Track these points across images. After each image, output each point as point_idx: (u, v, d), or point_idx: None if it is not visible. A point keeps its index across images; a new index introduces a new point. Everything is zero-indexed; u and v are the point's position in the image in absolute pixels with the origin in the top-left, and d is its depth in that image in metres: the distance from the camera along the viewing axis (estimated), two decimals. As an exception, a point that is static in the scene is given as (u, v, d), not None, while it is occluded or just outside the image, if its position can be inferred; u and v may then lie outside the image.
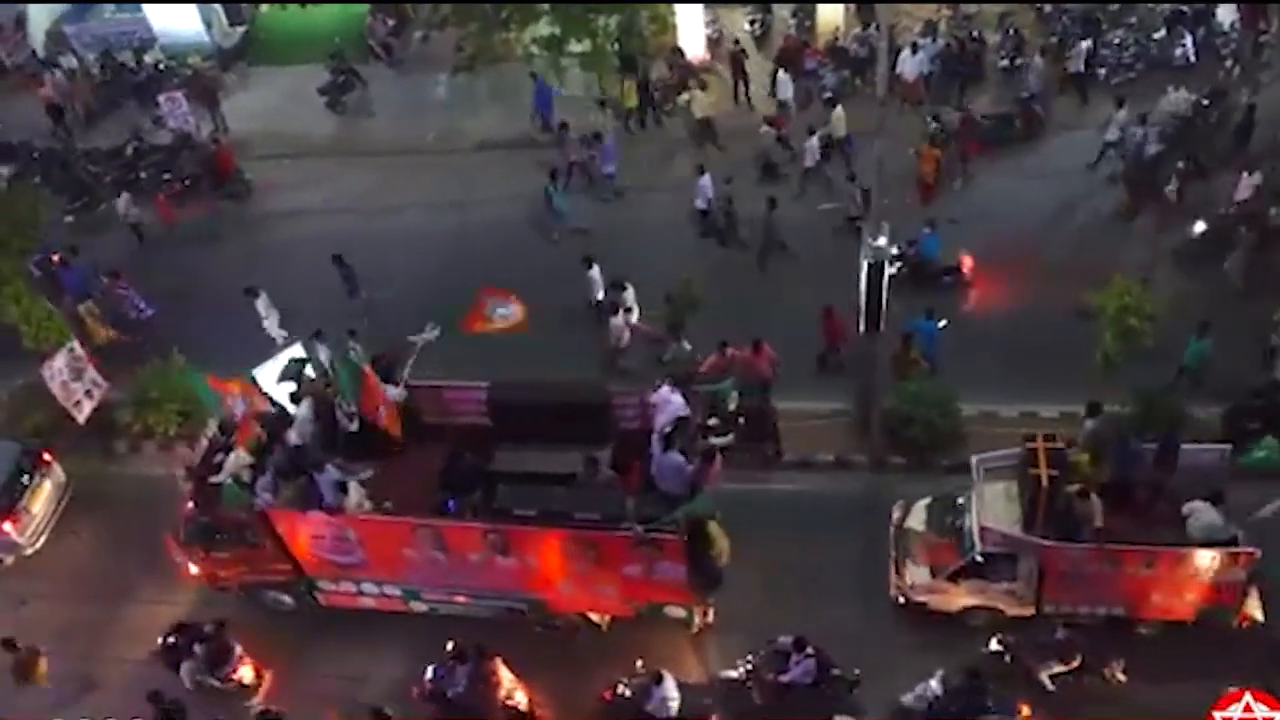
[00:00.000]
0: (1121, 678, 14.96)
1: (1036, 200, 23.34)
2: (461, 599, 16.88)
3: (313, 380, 17.68)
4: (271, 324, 21.07)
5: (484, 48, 26.55)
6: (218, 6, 31.15)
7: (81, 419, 19.56)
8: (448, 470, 16.15)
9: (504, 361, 17.91)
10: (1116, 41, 25.94)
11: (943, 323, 19.58)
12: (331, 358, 18.47)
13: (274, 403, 17.49)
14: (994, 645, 15.48)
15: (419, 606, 17.13)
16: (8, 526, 18.50)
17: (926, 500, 17.10)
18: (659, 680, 14.92)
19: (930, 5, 27.72)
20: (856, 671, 15.20)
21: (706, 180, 23.12)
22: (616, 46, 26.19)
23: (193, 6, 30.33)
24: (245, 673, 16.54)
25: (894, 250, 19.93)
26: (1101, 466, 15.60)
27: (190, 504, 16.48)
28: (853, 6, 28.27)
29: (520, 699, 15.63)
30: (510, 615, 16.85)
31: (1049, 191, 23.49)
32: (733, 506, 16.00)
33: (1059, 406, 18.55)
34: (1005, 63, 26.40)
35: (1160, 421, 17.18)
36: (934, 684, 14.70)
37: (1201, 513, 14.97)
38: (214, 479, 16.27)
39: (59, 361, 19.11)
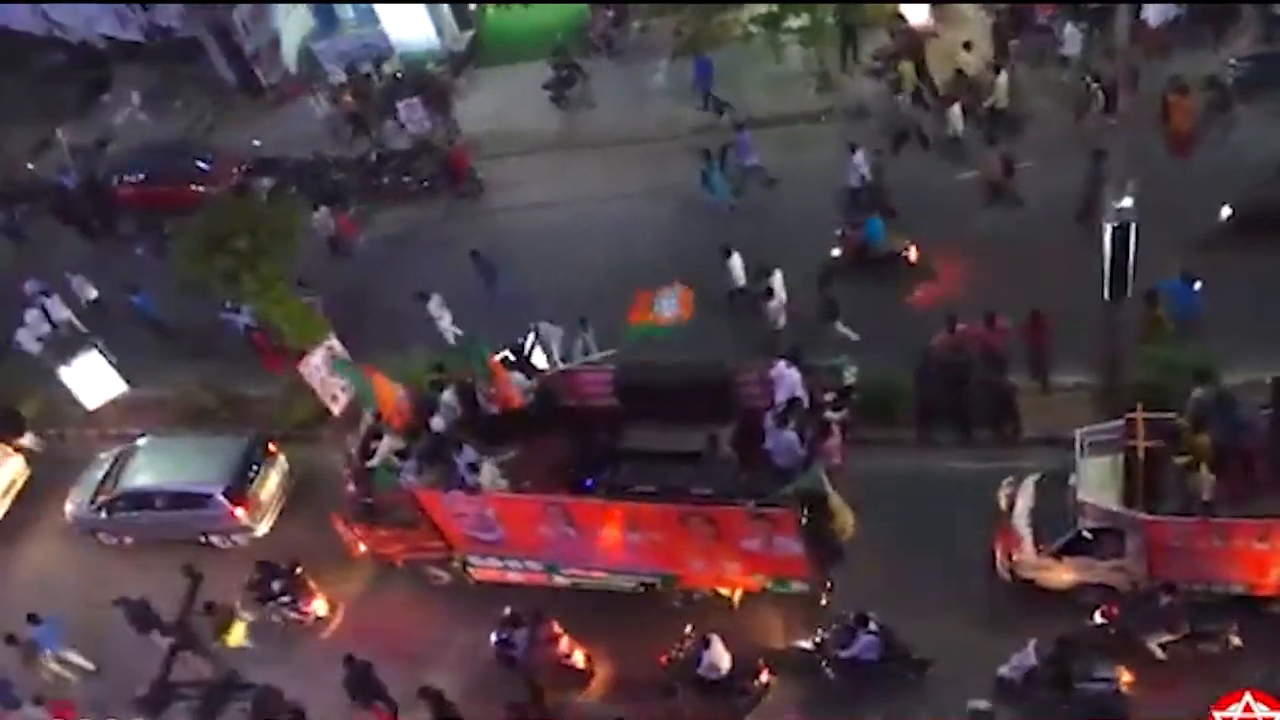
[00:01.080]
0: (1237, 642, 14.33)
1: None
2: (598, 573, 17.27)
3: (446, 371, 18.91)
4: (445, 324, 22.09)
5: (701, 30, 26.63)
6: (447, 12, 32.50)
7: (337, 411, 21.00)
8: (583, 450, 17.09)
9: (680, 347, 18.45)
10: None
11: (1198, 284, 18.15)
12: (466, 343, 19.74)
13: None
14: (1098, 618, 15.09)
15: (561, 581, 17.63)
16: (239, 511, 20.19)
17: (1036, 476, 16.58)
18: (707, 644, 15.39)
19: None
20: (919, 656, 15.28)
21: (860, 157, 22.48)
22: (835, 19, 25.67)
23: (425, 16, 31.79)
24: (319, 606, 18.42)
25: (837, 232, 20.80)
26: (1207, 437, 14.79)
27: (351, 486, 17.81)
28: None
29: (578, 658, 16.68)
30: (647, 589, 17.25)
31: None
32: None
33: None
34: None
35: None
36: (1030, 653, 14.53)
37: None
38: (369, 463, 17.67)
39: (317, 358, 20.57)
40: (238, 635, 18.50)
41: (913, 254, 21.30)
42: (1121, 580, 15.40)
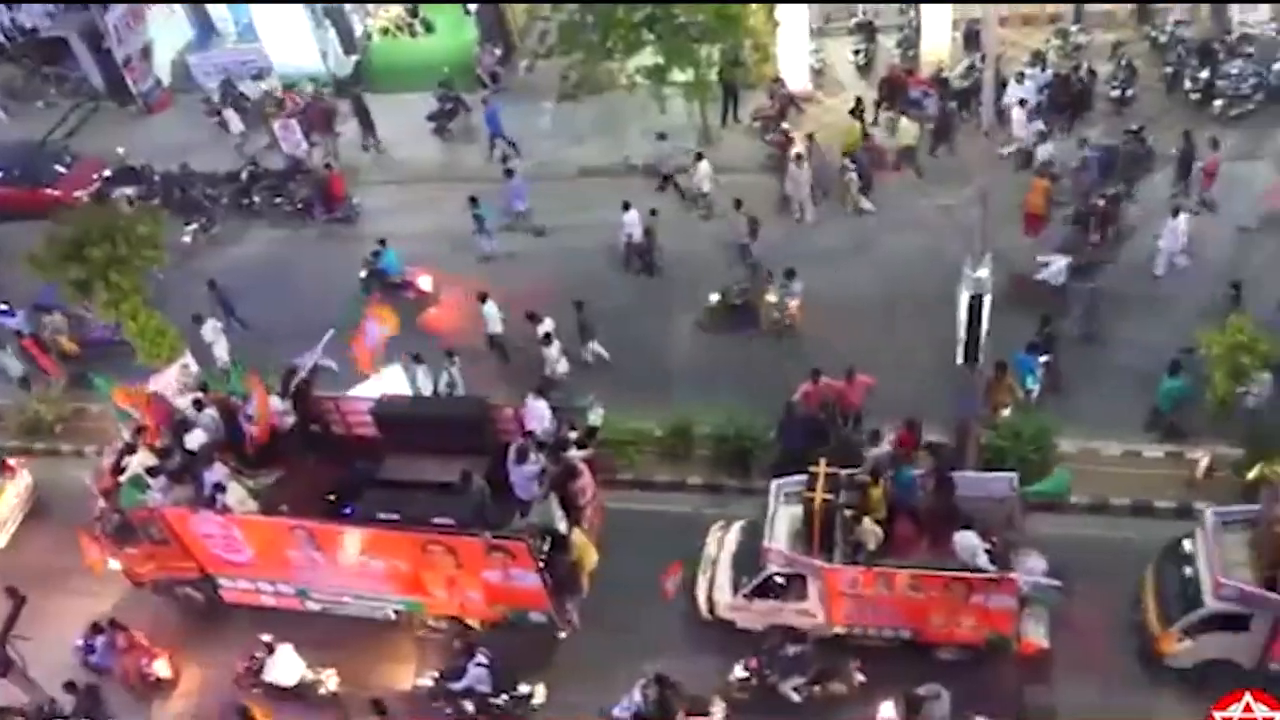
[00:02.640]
0: (860, 678, 15.51)
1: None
2: (348, 599, 17.60)
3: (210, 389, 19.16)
4: (219, 350, 21.95)
5: (588, 77, 26.95)
6: (332, 37, 32.13)
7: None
8: (343, 478, 17.50)
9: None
10: (1234, 71, 25.06)
11: (1045, 357, 19.09)
12: (226, 366, 20.06)
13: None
14: (738, 671, 15.87)
15: (312, 606, 17.92)
16: None
17: (743, 522, 17.52)
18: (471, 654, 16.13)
19: (1038, 34, 27.22)
20: (527, 690, 16.12)
21: (631, 216, 23.44)
22: (718, 76, 26.33)
23: (309, 37, 31.38)
24: (159, 667, 17.67)
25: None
26: (881, 490, 16.05)
27: (101, 502, 17.61)
28: (958, 36, 27.95)
29: (160, 666, 17.46)
30: (398, 617, 17.64)
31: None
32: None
33: (1166, 446, 17.92)
34: (1116, 94, 25.77)
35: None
36: (636, 694, 15.22)
37: (962, 539, 15.21)
38: (119, 479, 17.56)
39: (170, 374, 19.81)
40: None
41: (424, 284, 23.22)
42: (807, 622, 16.26)
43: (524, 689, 16.28)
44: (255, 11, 31.53)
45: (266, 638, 16.89)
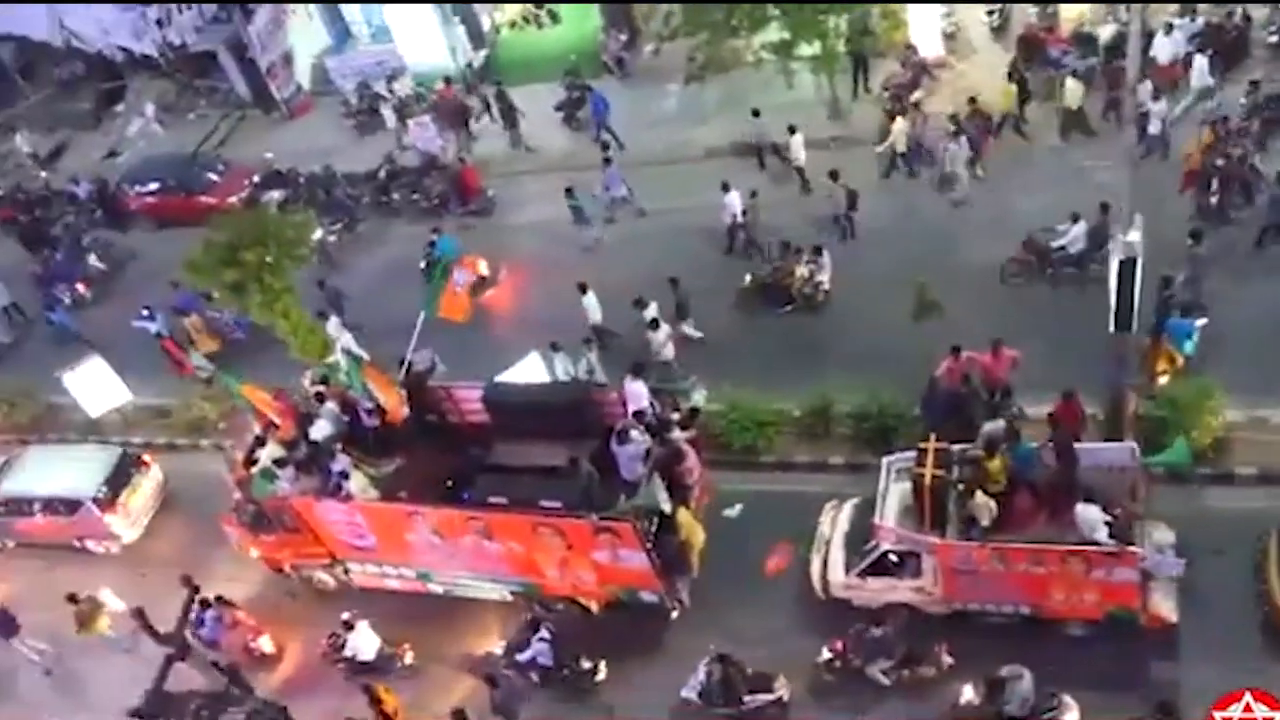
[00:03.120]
0: (949, 660, 15.31)
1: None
2: (466, 581, 18.14)
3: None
4: (345, 342, 22.35)
5: (714, 56, 26.78)
6: (461, 32, 32.72)
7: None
8: (459, 464, 17.97)
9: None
10: None
11: (1202, 320, 18.17)
12: (346, 359, 20.34)
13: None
14: (825, 653, 15.88)
15: (435, 588, 18.55)
16: (109, 518, 21.32)
17: (856, 500, 17.30)
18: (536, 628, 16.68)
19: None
20: (589, 665, 16.60)
21: (732, 197, 23.14)
22: (846, 47, 25.80)
23: (439, 34, 32.03)
24: (264, 642, 18.73)
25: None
26: (999, 463, 15.61)
27: (237, 493, 18.61)
28: (1100, -11, 26.70)
29: (264, 643, 18.60)
30: (515, 597, 18.05)
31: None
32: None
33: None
34: (1275, 39, 24.22)
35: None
36: (701, 673, 15.56)
37: (1084, 512, 14.69)
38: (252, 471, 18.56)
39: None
40: (101, 626, 19.17)
41: (482, 268, 22.71)
42: (924, 599, 16.05)
43: (586, 664, 16.72)
44: (387, 12, 32.34)
45: (346, 615, 17.70)
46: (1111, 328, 16.18)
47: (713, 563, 17.37)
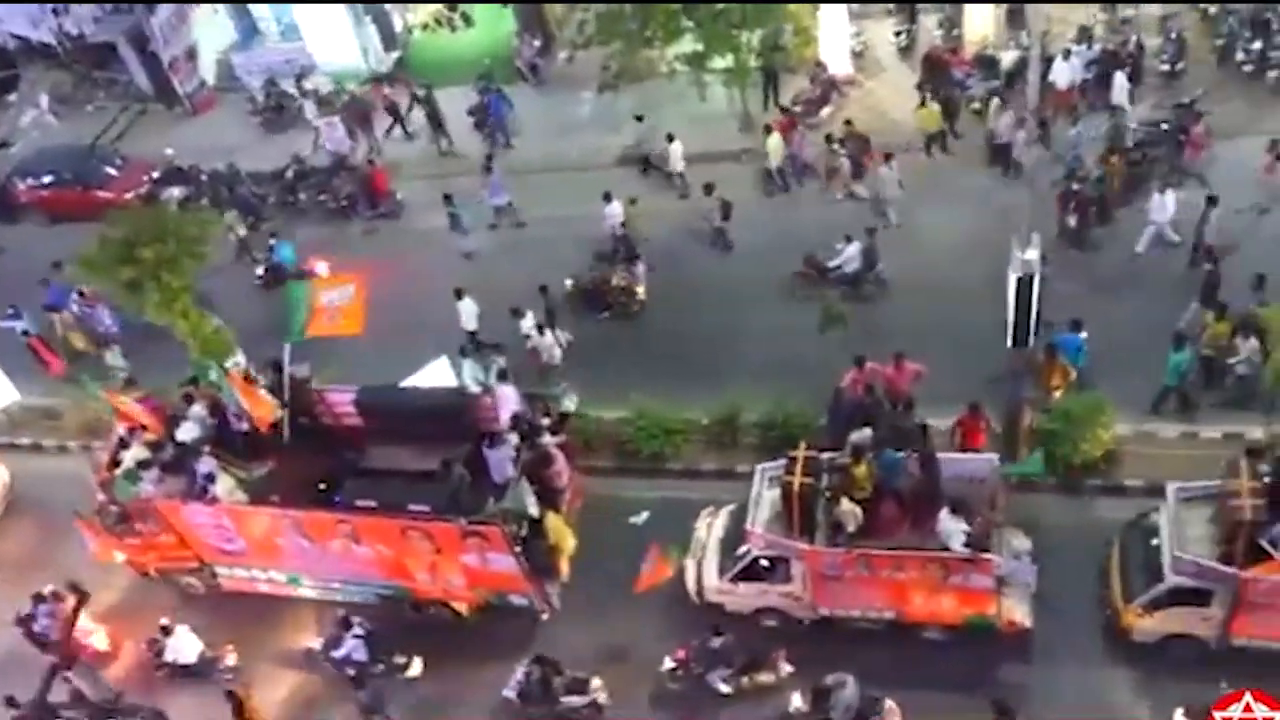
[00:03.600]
0: (788, 668, 15.85)
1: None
2: (336, 585, 18.19)
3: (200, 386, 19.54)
4: None
5: (628, 66, 26.89)
6: (373, 33, 32.32)
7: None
8: (333, 468, 17.93)
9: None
10: (1289, 43, 24.47)
11: (1084, 334, 18.80)
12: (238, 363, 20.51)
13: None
14: (667, 662, 16.29)
15: (306, 593, 18.55)
16: None
17: (732, 506, 17.50)
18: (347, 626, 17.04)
19: (1084, 9, 26.72)
20: (403, 660, 17.19)
21: (614, 207, 23.43)
22: (758, 61, 26.15)
23: (350, 35, 31.62)
24: (97, 639, 18.45)
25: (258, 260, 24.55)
26: (865, 470, 16.11)
27: (100, 495, 18.38)
28: (1002, 14, 27.51)
29: (97, 641, 18.34)
30: (387, 601, 18.11)
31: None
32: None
33: (1223, 427, 17.60)
34: (1166, 67, 25.27)
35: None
36: (520, 674, 16.17)
37: (945, 522, 15.20)
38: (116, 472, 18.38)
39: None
40: None
41: (321, 270, 23.18)
42: (794, 605, 16.54)
43: (400, 659, 17.24)
44: (297, 10, 31.80)
45: (164, 620, 17.74)
46: (1009, 343, 16.68)
47: (604, 566, 17.50)
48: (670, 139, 25.15)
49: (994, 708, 14.23)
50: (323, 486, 17.74)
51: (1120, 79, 23.93)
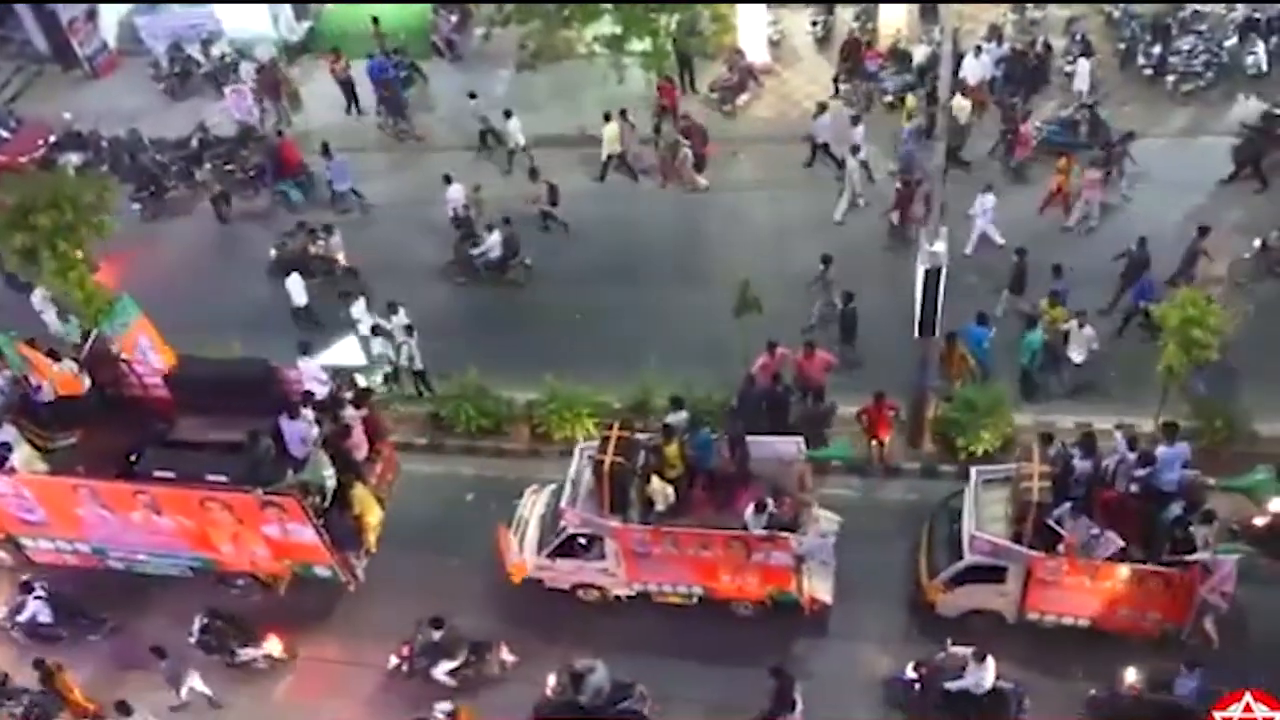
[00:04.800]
0: (511, 659, 16.38)
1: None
2: (143, 556, 18.10)
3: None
4: (48, 316, 22.36)
5: (546, 45, 26.69)
6: (285, 4, 31.52)
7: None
8: (140, 439, 17.76)
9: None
10: (1186, 48, 25.37)
11: (992, 329, 19.33)
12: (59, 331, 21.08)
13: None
14: (392, 660, 16.60)
15: (115, 564, 18.38)
16: None
17: (554, 485, 17.82)
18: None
19: (995, 9, 27.35)
20: (90, 621, 17.56)
21: (454, 191, 23.85)
22: (673, 45, 26.18)
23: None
24: None
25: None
26: (675, 449, 16.68)
27: None
28: (916, 9, 28.00)
29: None
30: (196, 574, 18.13)
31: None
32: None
33: (1117, 417, 18.23)
34: (1071, 68, 25.97)
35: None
36: (196, 624, 16.76)
37: (747, 516, 15.85)
38: None
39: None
40: None
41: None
42: (610, 581, 17.03)
43: (85, 620, 17.59)
44: (205, -27, 30.83)
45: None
46: (916, 333, 17.05)
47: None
48: (508, 115, 25.67)
49: (771, 674, 14.89)
50: (133, 459, 17.52)
51: (1083, 65, 24.65)
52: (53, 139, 28.18)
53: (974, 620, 16.21)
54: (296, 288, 21.89)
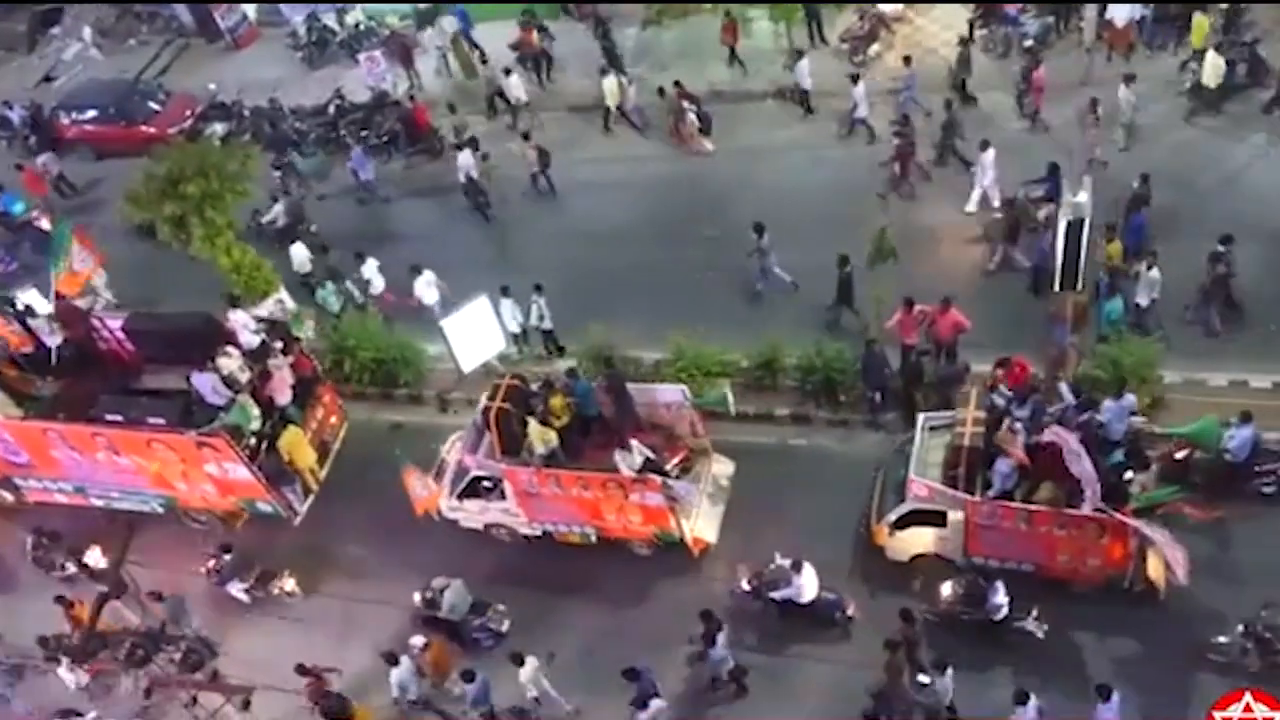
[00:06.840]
0: (291, 583, 17.79)
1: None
2: (116, 495, 19.46)
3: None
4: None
5: (672, 2, 26.44)
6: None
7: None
8: (109, 388, 19.06)
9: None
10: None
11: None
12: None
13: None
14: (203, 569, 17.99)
15: (96, 502, 19.80)
16: None
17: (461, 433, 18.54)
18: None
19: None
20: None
21: (465, 157, 24.07)
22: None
23: (392, -32, 31.21)
24: None
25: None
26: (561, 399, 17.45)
27: None
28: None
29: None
30: (164, 512, 19.45)
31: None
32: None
33: (1273, 376, 17.29)
34: (1226, 5, 24.42)
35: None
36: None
37: (616, 456, 16.47)
38: None
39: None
40: None
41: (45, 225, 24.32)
42: (513, 520, 17.86)
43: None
44: (339, -56, 31.44)
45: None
46: (1056, 286, 16.45)
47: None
48: (507, 72, 26.11)
49: (700, 617, 15.22)
50: (100, 406, 18.64)
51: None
52: (199, 110, 29.25)
53: (922, 564, 16.31)
54: (300, 257, 22.82)
